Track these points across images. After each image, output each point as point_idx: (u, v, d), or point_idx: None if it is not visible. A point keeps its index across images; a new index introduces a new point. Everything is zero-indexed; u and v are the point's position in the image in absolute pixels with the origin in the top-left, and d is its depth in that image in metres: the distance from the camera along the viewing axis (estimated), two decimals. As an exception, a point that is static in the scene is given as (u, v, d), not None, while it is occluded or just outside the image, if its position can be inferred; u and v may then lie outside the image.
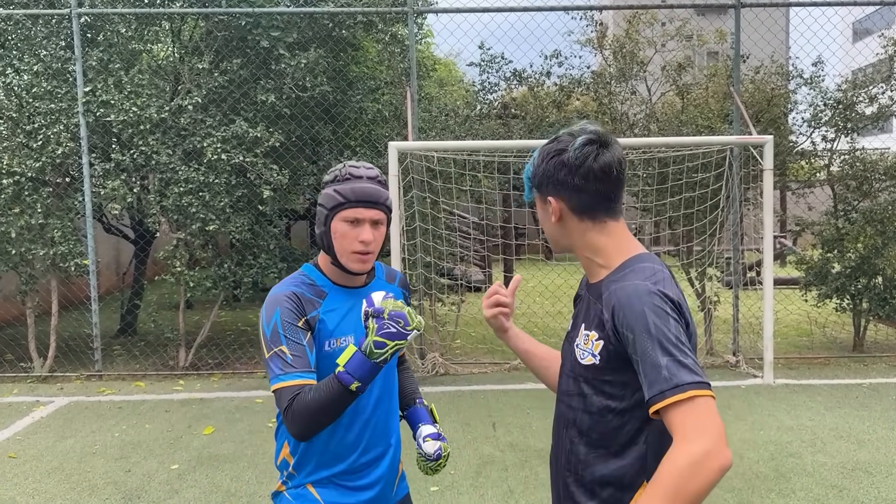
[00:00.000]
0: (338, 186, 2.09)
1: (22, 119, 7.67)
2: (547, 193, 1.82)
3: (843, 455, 5.23)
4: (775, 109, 8.86)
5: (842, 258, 8.13)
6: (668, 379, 1.54)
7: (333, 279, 2.17)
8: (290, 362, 1.98)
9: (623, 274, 1.74)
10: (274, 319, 2.02)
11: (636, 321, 1.61)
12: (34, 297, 8.02)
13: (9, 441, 5.85)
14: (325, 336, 2.09)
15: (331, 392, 1.91)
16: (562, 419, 1.85)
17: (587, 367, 1.75)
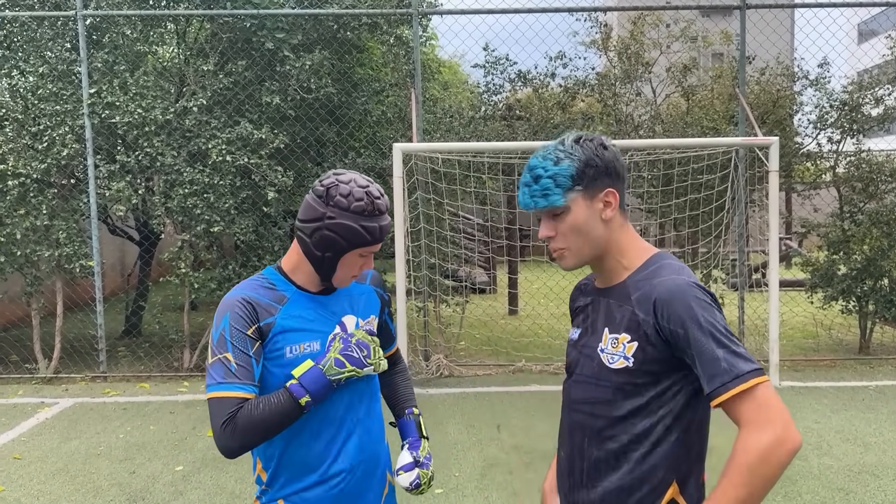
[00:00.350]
0: (366, 223, 1.95)
1: (27, 121, 7.69)
2: (604, 186, 1.75)
3: (849, 458, 5.21)
4: (781, 111, 8.84)
5: (848, 260, 8.10)
6: (727, 370, 1.58)
7: (299, 283, 2.04)
8: (233, 371, 1.87)
9: (650, 272, 1.74)
10: (222, 325, 1.92)
11: (686, 316, 1.62)
12: (39, 298, 8.04)
13: (14, 442, 5.85)
14: (287, 342, 1.96)
15: (280, 405, 1.85)
16: (578, 429, 1.81)
17: (618, 371, 1.72)
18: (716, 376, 1.59)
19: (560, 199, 1.73)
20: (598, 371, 1.76)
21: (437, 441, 5.55)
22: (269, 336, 1.95)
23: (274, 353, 1.96)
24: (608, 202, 1.75)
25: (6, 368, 8.17)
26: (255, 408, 1.84)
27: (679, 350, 1.64)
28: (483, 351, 8.78)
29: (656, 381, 1.69)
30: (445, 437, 5.72)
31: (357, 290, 2.17)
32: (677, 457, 1.72)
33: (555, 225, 1.77)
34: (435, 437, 5.59)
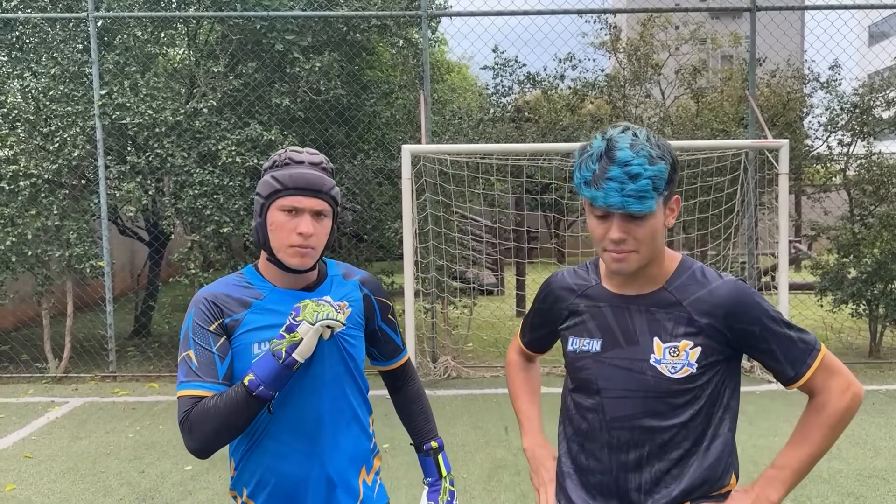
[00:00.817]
0: (275, 172, 1.87)
1: (39, 122, 7.75)
2: (674, 193, 1.69)
3: (859, 462, 5.18)
4: (791, 113, 8.81)
5: (858, 263, 8.06)
6: (804, 349, 1.70)
7: (273, 280, 1.95)
8: (194, 370, 1.82)
9: (688, 276, 1.74)
10: (186, 323, 1.89)
11: (758, 313, 1.68)
12: (50, 298, 8.09)
13: (24, 441, 5.89)
14: (255, 338, 1.87)
15: (234, 397, 1.76)
16: (629, 447, 1.73)
17: (680, 380, 1.69)
18: (798, 358, 1.69)
19: (654, 204, 1.60)
20: (654, 383, 1.69)
21: (445, 442, 5.55)
22: (235, 332, 1.88)
23: (241, 349, 1.88)
24: (672, 209, 1.70)
25: (17, 368, 8.22)
26: (209, 401, 1.78)
27: (749, 346, 1.69)
28: (491, 353, 8.78)
29: (711, 380, 1.71)
30: (453, 439, 5.72)
31: (342, 288, 2.04)
32: (731, 446, 1.78)
33: (631, 228, 1.62)
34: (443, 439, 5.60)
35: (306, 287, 1.99)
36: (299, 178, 1.86)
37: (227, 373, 1.85)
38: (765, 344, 1.68)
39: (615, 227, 1.62)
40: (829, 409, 1.69)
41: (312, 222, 1.87)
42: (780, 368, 1.71)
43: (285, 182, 1.85)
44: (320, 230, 1.89)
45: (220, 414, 1.76)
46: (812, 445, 1.69)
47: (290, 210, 1.86)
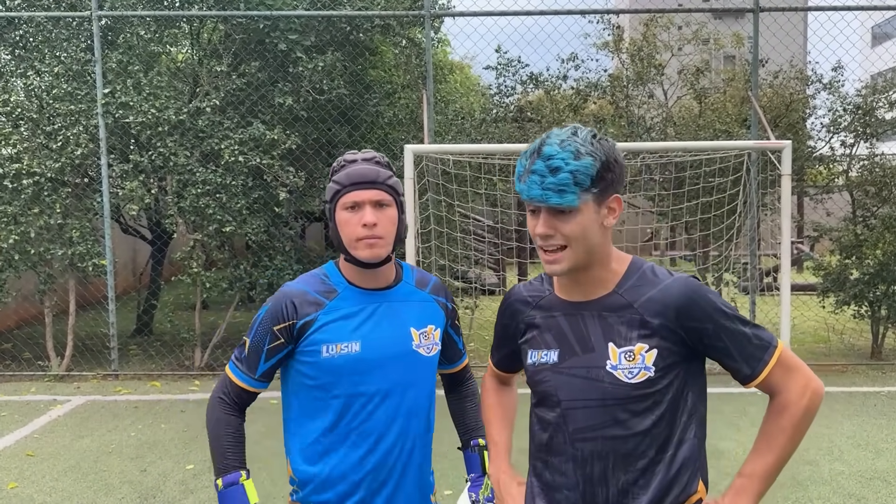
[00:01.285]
0: (335, 176, 1.99)
1: (42, 120, 7.76)
2: (613, 192, 1.64)
3: (860, 464, 5.18)
4: (794, 114, 8.80)
5: (860, 264, 8.05)
6: (760, 346, 1.65)
7: (349, 278, 2.04)
8: (241, 357, 2.02)
9: (639, 277, 1.69)
10: (261, 312, 2.01)
11: (711, 309, 1.64)
12: (52, 296, 8.10)
13: (27, 439, 5.90)
14: (325, 341, 1.96)
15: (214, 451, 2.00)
16: (594, 459, 1.69)
17: (639, 385, 1.64)
18: (752, 355, 1.64)
19: (576, 200, 1.58)
20: (612, 390, 1.65)
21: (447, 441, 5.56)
22: (306, 333, 1.97)
23: (309, 350, 1.98)
24: (612, 209, 1.65)
25: (19, 366, 8.23)
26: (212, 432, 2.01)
27: (704, 345, 1.65)
28: (493, 353, 8.77)
29: (671, 383, 1.66)
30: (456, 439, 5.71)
31: (416, 297, 2.11)
32: (697, 452, 1.73)
33: (556, 223, 1.61)
34: (444, 438, 5.59)
35: (385, 287, 2.06)
36: (353, 174, 1.95)
37: (267, 371, 2.02)
38: (719, 342, 1.64)
39: (541, 221, 1.62)
40: (791, 410, 1.64)
41: (374, 212, 1.94)
42: (737, 367, 1.66)
43: (342, 181, 1.95)
44: (384, 219, 1.96)
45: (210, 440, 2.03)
46: (778, 450, 1.65)
47: (351, 206, 1.95)
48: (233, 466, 1.98)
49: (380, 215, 1.95)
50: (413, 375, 2.04)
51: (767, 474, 1.65)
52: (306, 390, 2.01)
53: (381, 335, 2.00)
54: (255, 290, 8.31)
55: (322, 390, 1.98)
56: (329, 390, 1.98)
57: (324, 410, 1.99)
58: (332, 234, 2.02)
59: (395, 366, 2.01)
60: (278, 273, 8.15)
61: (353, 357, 1.96)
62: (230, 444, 2.00)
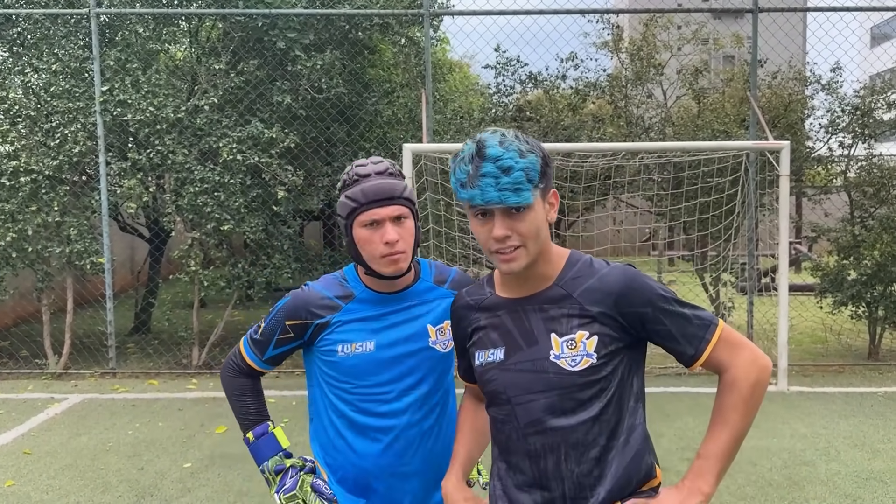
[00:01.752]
0: (348, 192, 1.97)
1: (40, 118, 7.74)
2: (551, 187, 1.69)
3: (857, 464, 5.19)
4: (792, 115, 8.80)
5: (858, 265, 8.06)
6: (701, 325, 1.67)
7: (367, 282, 2.08)
8: (255, 337, 2.13)
9: (578, 269, 1.72)
10: (280, 303, 2.09)
11: (649, 294, 1.66)
12: (50, 294, 8.09)
13: (24, 437, 5.89)
14: (340, 340, 2.04)
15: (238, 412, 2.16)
16: (547, 453, 1.68)
17: (581, 373, 1.65)
18: (695, 335, 1.66)
19: (531, 196, 1.60)
20: (557, 380, 1.66)
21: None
22: (323, 332, 2.05)
23: (325, 349, 2.06)
24: (552, 203, 1.69)
25: (16, 364, 8.22)
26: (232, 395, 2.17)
27: (646, 330, 1.66)
28: (490, 352, 8.77)
29: (616, 369, 1.67)
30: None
31: (434, 294, 2.13)
32: (647, 436, 1.75)
33: (512, 224, 1.61)
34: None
35: (403, 288, 2.09)
36: (370, 191, 1.93)
37: (274, 356, 2.12)
38: (660, 325, 1.65)
39: (497, 223, 1.60)
40: (739, 384, 1.64)
41: (395, 228, 1.95)
42: (680, 349, 1.67)
43: (358, 199, 1.94)
44: (405, 233, 1.97)
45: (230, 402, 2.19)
46: (732, 428, 1.64)
47: (370, 223, 1.94)
48: (259, 419, 2.14)
49: (400, 230, 1.96)
50: (429, 372, 2.08)
51: (724, 453, 1.64)
52: (328, 387, 2.09)
53: (395, 334, 2.05)
54: (253, 288, 8.31)
55: (341, 388, 2.06)
56: (348, 388, 2.05)
57: (344, 405, 2.06)
58: (349, 250, 2.04)
59: (409, 363, 2.05)
60: (276, 272, 8.15)
61: (368, 356, 2.02)
62: (251, 401, 2.15)
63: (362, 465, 2.06)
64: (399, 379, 2.05)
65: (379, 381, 2.04)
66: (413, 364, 2.06)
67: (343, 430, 2.07)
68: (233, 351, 2.20)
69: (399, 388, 2.04)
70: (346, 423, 2.07)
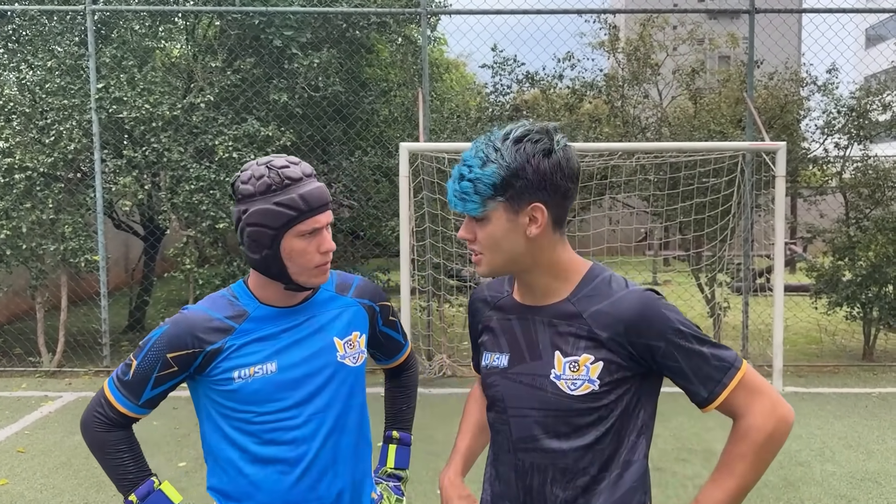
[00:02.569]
0: (279, 198, 1.71)
1: (35, 114, 7.71)
2: (531, 200, 1.53)
3: (852, 465, 5.20)
4: (788, 116, 8.82)
5: (853, 266, 8.08)
6: (719, 367, 1.54)
7: (263, 297, 1.84)
8: (125, 379, 1.82)
9: (595, 286, 1.60)
10: (155, 333, 1.82)
11: (664, 326, 1.53)
12: (44, 291, 8.06)
13: (17, 435, 5.87)
14: (236, 366, 1.79)
15: (113, 471, 1.87)
16: (534, 472, 1.61)
17: (582, 398, 1.55)
18: (711, 377, 1.53)
19: (477, 209, 1.53)
20: (555, 401, 1.56)
21: (439, 441, 5.55)
22: (214, 362, 1.80)
23: (219, 378, 1.81)
24: (534, 218, 1.54)
25: (10, 361, 8.19)
26: (104, 453, 1.86)
27: (657, 363, 1.55)
28: (486, 351, 8.77)
29: (620, 399, 1.56)
30: (448, 438, 5.71)
31: (337, 303, 1.94)
32: (645, 474, 1.64)
33: (474, 229, 1.57)
34: (437, 437, 5.59)
35: (304, 300, 1.89)
36: (311, 198, 1.73)
37: (152, 398, 1.85)
38: (672, 361, 1.53)
39: (463, 225, 1.61)
40: (753, 435, 1.52)
41: (328, 235, 1.79)
42: (693, 388, 1.55)
43: (299, 206, 1.72)
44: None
45: (101, 462, 1.88)
46: (738, 478, 1.52)
47: (310, 232, 1.75)
48: (140, 476, 1.86)
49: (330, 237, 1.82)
50: (340, 389, 1.89)
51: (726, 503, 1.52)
52: (224, 420, 1.85)
53: (300, 351, 1.84)
54: (248, 286, 8.29)
55: (241, 419, 1.83)
56: (249, 418, 1.82)
57: (245, 439, 1.83)
58: (267, 263, 1.77)
59: (318, 382, 1.85)
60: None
61: (269, 379, 1.80)
62: (128, 456, 1.86)
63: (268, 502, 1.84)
64: (307, 401, 1.83)
65: (284, 405, 1.81)
66: (321, 382, 1.85)
67: (246, 469, 1.84)
68: (94, 400, 1.86)
69: (308, 412, 1.83)
70: (249, 459, 1.83)
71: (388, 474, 2.15)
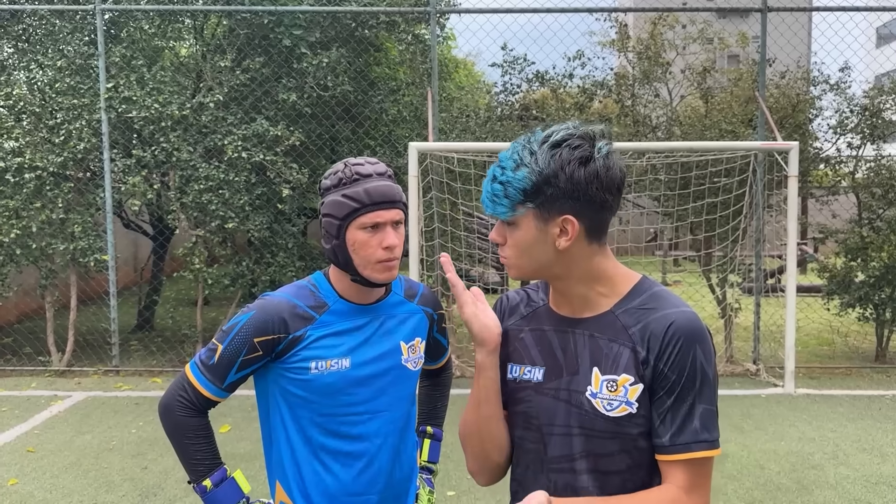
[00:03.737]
0: (347, 191, 1.83)
1: (45, 114, 7.72)
2: (562, 212, 1.44)
3: (866, 468, 5.14)
4: (800, 115, 8.74)
5: (865, 267, 8.01)
6: (698, 430, 1.42)
7: (341, 291, 1.94)
8: (208, 363, 1.88)
9: (643, 300, 1.49)
10: (241, 319, 1.88)
11: (688, 362, 1.42)
12: (53, 291, 8.07)
13: (27, 435, 5.87)
14: (314, 357, 1.87)
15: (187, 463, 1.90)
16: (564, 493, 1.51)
17: (618, 420, 1.45)
18: (683, 432, 1.42)
19: (506, 212, 1.46)
20: (590, 420, 1.47)
21: (449, 442, 5.52)
22: (294, 349, 1.87)
23: (295, 367, 1.87)
24: (564, 230, 1.44)
25: (20, 361, 8.20)
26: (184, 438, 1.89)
27: (654, 392, 1.44)
28: (495, 352, 8.73)
29: (650, 428, 1.46)
30: (457, 439, 5.68)
31: (405, 308, 2.04)
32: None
33: (504, 233, 1.50)
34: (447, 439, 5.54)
35: (376, 300, 1.97)
36: (375, 193, 1.82)
37: (235, 381, 1.90)
38: (669, 395, 1.42)
39: (495, 227, 1.53)
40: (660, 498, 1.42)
41: (393, 233, 1.85)
42: (661, 430, 1.43)
43: (361, 199, 1.82)
44: (400, 239, 1.88)
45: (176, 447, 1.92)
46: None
47: (372, 226, 1.83)
48: (214, 464, 1.92)
49: (398, 236, 1.87)
50: (401, 390, 1.98)
51: None
52: (294, 409, 1.91)
53: (371, 351, 1.93)
54: (256, 286, 8.28)
55: (312, 409, 1.89)
56: (319, 409, 1.89)
57: (312, 430, 1.91)
58: (336, 253, 1.86)
59: (384, 382, 1.94)
60: (280, 270, 8.12)
61: (343, 374, 1.88)
62: (204, 443, 1.91)
63: (333, 493, 1.92)
64: (373, 399, 1.92)
65: (352, 401, 1.90)
66: (386, 383, 1.94)
67: (309, 459, 1.92)
68: (176, 384, 1.92)
69: (372, 409, 1.92)
70: (313, 450, 1.91)
71: (421, 467, 2.24)
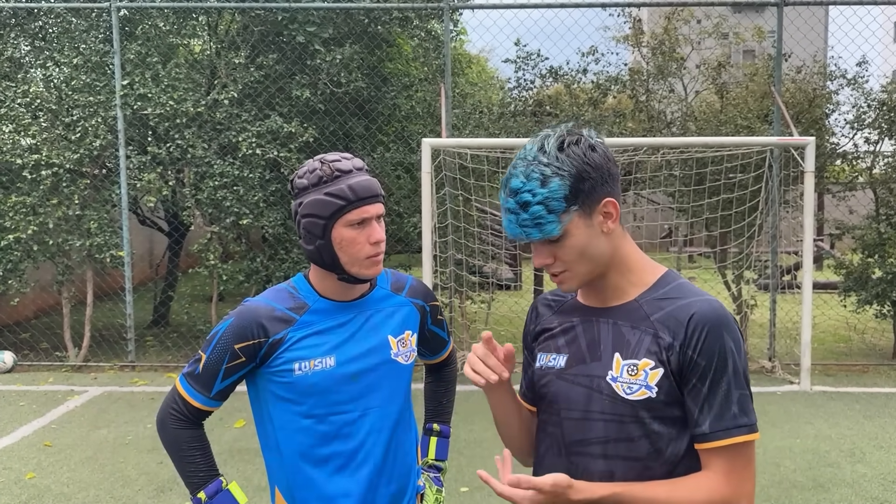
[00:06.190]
0: (329, 188, 1.80)
1: (61, 111, 7.78)
2: (602, 196, 1.50)
3: (883, 466, 5.10)
4: (817, 110, 8.66)
5: (883, 263, 7.92)
6: (736, 415, 1.45)
7: (322, 291, 1.92)
8: (194, 373, 1.89)
9: (667, 291, 1.53)
10: (221, 326, 1.88)
11: (718, 349, 1.45)
12: (70, 287, 8.14)
13: (44, 429, 5.93)
14: (297, 358, 1.85)
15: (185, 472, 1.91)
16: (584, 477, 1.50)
17: (637, 404, 1.48)
18: (721, 417, 1.44)
19: (556, 228, 1.47)
20: (610, 405, 1.50)
21: (462, 438, 5.53)
22: (276, 352, 1.86)
23: (279, 369, 1.87)
24: (608, 213, 1.50)
25: (37, 356, 8.28)
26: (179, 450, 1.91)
27: (685, 381, 1.46)
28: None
29: (675, 414, 1.48)
30: (471, 435, 5.69)
31: (392, 303, 2.02)
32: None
33: (552, 251, 1.51)
34: (460, 435, 5.57)
35: (360, 296, 1.96)
36: (359, 188, 1.81)
37: (223, 390, 1.90)
38: (701, 383, 1.44)
39: (535, 253, 1.53)
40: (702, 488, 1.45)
41: (378, 227, 1.85)
42: (700, 419, 1.45)
43: (347, 196, 1.80)
44: (384, 233, 1.89)
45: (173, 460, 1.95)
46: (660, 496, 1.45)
47: (359, 222, 1.82)
48: (210, 475, 1.91)
49: (382, 229, 1.88)
50: (392, 385, 1.96)
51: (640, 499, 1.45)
52: (283, 413, 1.90)
53: (357, 347, 1.91)
54: (271, 282, 8.31)
55: (301, 411, 1.89)
56: (308, 410, 1.88)
57: (305, 432, 1.90)
58: (320, 253, 1.85)
59: (374, 377, 1.92)
60: (295, 266, 8.15)
61: (328, 372, 1.86)
62: (198, 456, 1.92)
63: (330, 495, 1.91)
64: (362, 396, 1.91)
65: (340, 399, 1.89)
66: (376, 379, 1.93)
67: (304, 461, 1.92)
68: (168, 396, 1.94)
69: (363, 407, 1.91)
70: (307, 452, 1.91)
71: (428, 465, 2.21)
